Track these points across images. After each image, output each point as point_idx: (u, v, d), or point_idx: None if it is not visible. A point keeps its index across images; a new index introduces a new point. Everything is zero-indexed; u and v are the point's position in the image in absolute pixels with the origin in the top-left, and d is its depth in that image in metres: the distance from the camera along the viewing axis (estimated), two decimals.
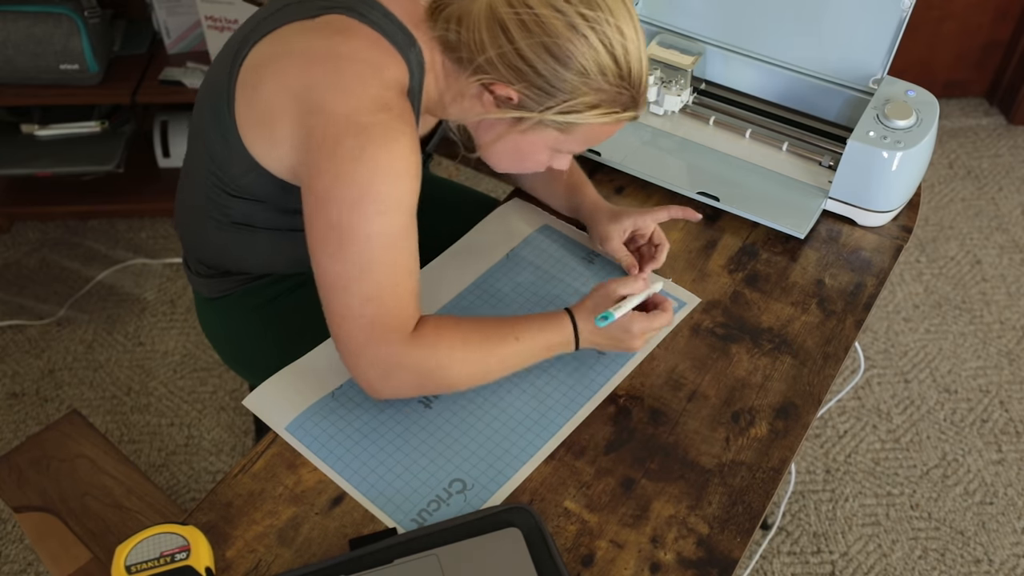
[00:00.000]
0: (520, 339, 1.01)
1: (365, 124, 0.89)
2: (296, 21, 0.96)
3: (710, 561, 0.91)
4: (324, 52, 0.92)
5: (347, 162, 0.89)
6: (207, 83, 1.05)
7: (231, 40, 1.03)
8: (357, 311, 0.93)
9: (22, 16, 1.98)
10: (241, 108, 0.98)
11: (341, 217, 0.90)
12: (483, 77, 0.94)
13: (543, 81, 0.92)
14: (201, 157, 1.06)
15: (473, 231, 1.24)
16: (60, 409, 1.96)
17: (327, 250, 0.92)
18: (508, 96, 0.94)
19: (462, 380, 1.00)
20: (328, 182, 0.90)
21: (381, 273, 0.92)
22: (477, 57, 0.93)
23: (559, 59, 0.91)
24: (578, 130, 0.97)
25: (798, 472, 1.85)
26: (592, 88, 0.93)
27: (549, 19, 0.89)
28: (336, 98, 0.90)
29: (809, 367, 1.09)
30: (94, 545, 1.21)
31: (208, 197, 1.08)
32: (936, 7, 2.50)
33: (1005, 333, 2.12)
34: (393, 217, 0.91)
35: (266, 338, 1.21)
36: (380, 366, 0.95)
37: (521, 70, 0.92)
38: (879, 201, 1.23)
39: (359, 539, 0.91)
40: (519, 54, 0.91)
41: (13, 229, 2.37)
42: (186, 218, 1.16)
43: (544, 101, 0.94)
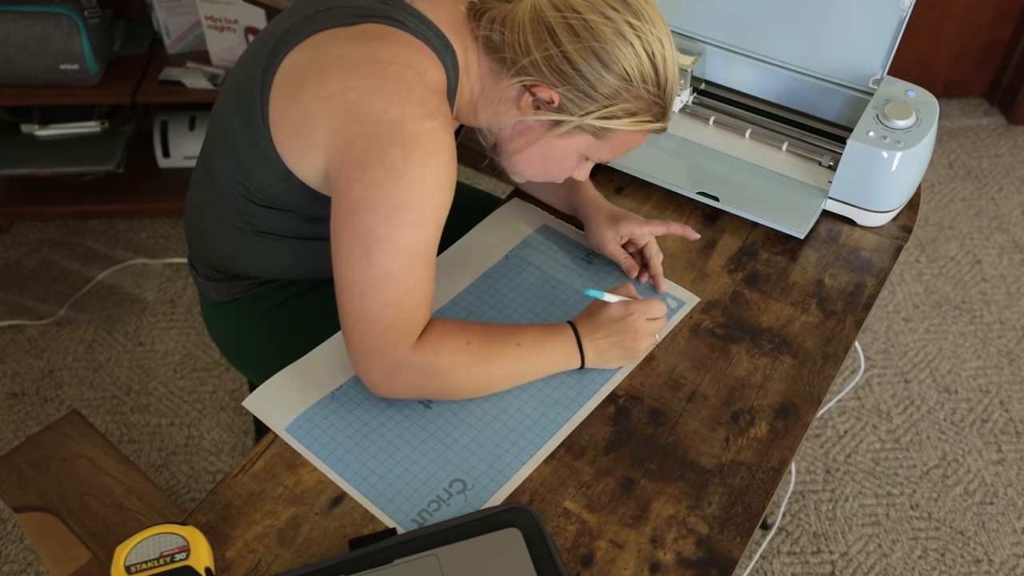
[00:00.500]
0: (521, 343, 1.01)
1: (412, 132, 0.89)
2: (331, 28, 0.95)
3: (710, 561, 0.91)
4: (364, 58, 0.91)
5: (391, 172, 0.89)
6: (233, 90, 1.03)
7: (259, 44, 1.01)
8: (374, 316, 0.93)
9: (22, 16, 1.99)
10: (276, 118, 0.97)
11: (375, 226, 0.90)
12: (525, 79, 0.95)
13: (587, 84, 0.94)
14: (226, 165, 1.05)
15: (473, 231, 1.24)
16: (60, 409, 1.96)
17: (354, 255, 0.92)
18: (549, 99, 0.96)
19: (463, 385, 1.00)
20: (367, 191, 0.90)
21: (405, 283, 0.92)
22: (521, 59, 0.94)
23: (605, 64, 0.93)
24: (612, 137, 0.99)
25: (798, 472, 1.85)
26: (632, 95, 0.95)
27: (598, 25, 0.92)
28: (382, 104, 0.90)
29: (809, 367, 1.09)
30: (94, 545, 1.21)
31: (232, 205, 1.07)
32: (936, 7, 2.50)
33: (1005, 333, 2.12)
34: (426, 230, 0.92)
35: (273, 342, 1.21)
36: (386, 367, 0.96)
37: (566, 73, 0.93)
38: (879, 201, 1.23)
39: (359, 539, 0.91)
40: (566, 57, 0.93)
41: (13, 229, 2.37)
42: (200, 222, 1.15)
43: (585, 105, 0.95)
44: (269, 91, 0.97)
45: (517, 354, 1.01)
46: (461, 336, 0.98)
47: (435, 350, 0.96)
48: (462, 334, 0.99)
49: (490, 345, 1.00)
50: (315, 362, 1.07)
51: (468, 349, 0.98)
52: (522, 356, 1.01)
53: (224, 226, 1.10)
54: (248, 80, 1.00)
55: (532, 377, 1.04)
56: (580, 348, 1.04)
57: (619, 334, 1.04)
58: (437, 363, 0.97)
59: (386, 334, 0.94)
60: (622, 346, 1.04)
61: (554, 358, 1.04)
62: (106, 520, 1.23)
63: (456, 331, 0.99)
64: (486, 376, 1.01)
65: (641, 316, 1.04)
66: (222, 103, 1.06)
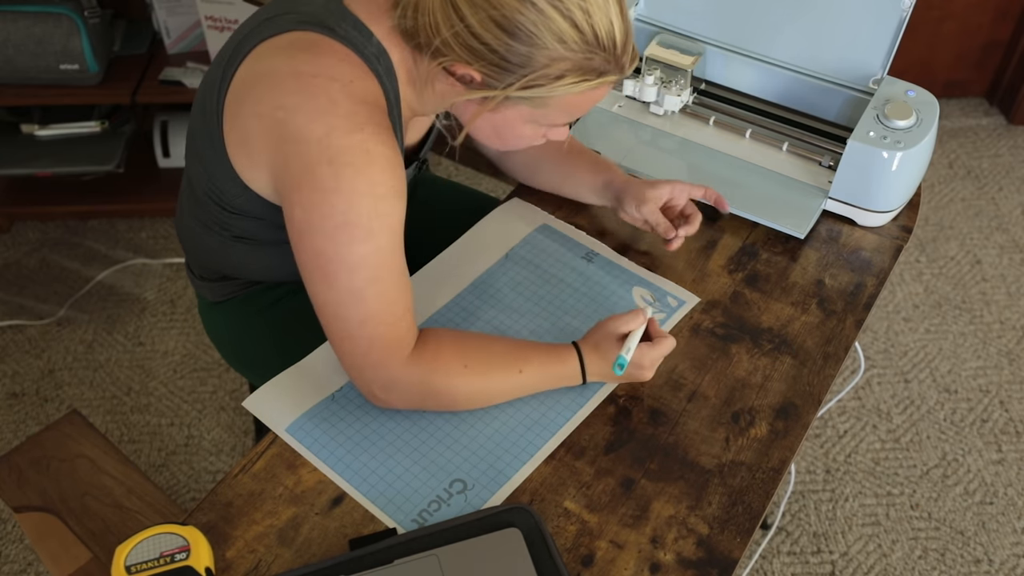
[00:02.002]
0: (524, 371, 1.00)
1: (338, 148, 0.87)
2: (272, 37, 0.94)
3: (710, 561, 0.91)
4: (289, 72, 0.90)
5: (324, 191, 0.88)
6: (199, 97, 1.03)
7: (221, 52, 1.01)
8: (355, 333, 0.93)
9: (22, 16, 1.98)
10: (228, 128, 0.97)
11: (324, 247, 0.89)
12: (442, 60, 0.91)
13: (498, 57, 0.88)
14: (199, 174, 1.05)
15: (472, 231, 1.24)
16: (60, 409, 1.96)
17: (315, 278, 0.92)
18: (469, 77, 0.92)
19: (462, 402, 1.00)
20: (307, 213, 0.89)
21: (372, 297, 0.92)
22: (433, 40, 0.90)
23: (509, 32, 0.87)
24: (551, 102, 0.93)
25: (798, 472, 1.85)
26: (551, 58, 0.88)
27: None
28: (307, 122, 0.88)
29: (809, 367, 1.09)
30: (94, 545, 1.21)
31: (208, 212, 1.07)
32: (936, 7, 2.50)
33: (1005, 333, 2.12)
34: (378, 240, 0.90)
35: (270, 341, 1.21)
36: (380, 382, 0.96)
37: (475, 48, 0.88)
38: (879, 201, 1.23)
39: (359, 539, 0.91)
40: (471, 31, 0.87)
41: (13, 229, 2.37)
42: (187, 227, 1.16)
43: (504, 77, 0.90)
44: (224, 105, 0.96)
45: (518, 381, 1.01)
46: (458, 359, 0.97)
47: (430, 370, 0.96)
48: (459, 356, 0.97)
49: (491, 368, 0.99)
50: (315, 364, 1.07)
51: (465, 371, 0.97)
52: (522, 383, 1.01)
53: (207, 231, 1.11)
54: (209, 90, 1.00)
55: (533, 393, 1.04)
56: (583, 372, 1.03)
57: (629, 374, 1.03)
58: (432, 382, 0.97)
59: (372, 350, 0.93)
60: (630, 379, 1.04)
61: (555, 380, 1.03)
62: (106, 520, 1.23)
63: (452, 351, 0.97)
64: (484, 395, 1.01)
65: (652, 363, 1.03)
66: (193, 113, 1.06)
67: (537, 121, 0.98)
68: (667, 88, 1.35)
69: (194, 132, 1.04)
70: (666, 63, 1.34)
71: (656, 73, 1.35)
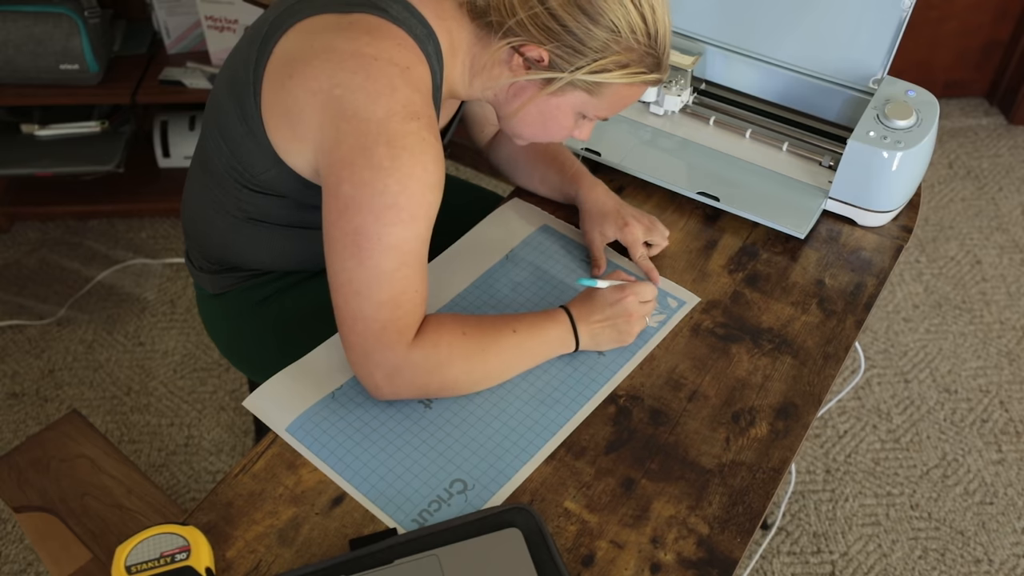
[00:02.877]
0: (517, 330, 1.02)
1: (397, 132, 0.89)
2: (323, 14, 0.95)
3: (710, 561, 0.91)
4: (351, 52, 0.91)
5: (379, 171, 0.89)
6: (227, 74, 1.04)
7: (252, 31, 1.02)
8: (370, 315, 0.93)
9: (22, 16, 1.99)
10: (268, 104, 0.97)
11: (366, 225, 0.90)
12: (513, 40, 0.95)
13: (574, 39, 0.93)
14: (220, 150, 1.05)
15: (473, 231, 1.24)
16: (60, 409, 1.96)
17: (346, 254, 0.92)
18: (539, 57, 0.96)
19: (463, 377, 1.00)
20: (356, 190, 0.90)
21: (398, 281, 0.92)
22: (507, 20, 0.94)
23: (591, 17, 0.92)
24: (606, 92, 0.99)
25: (798, 472, 1.85)
26: (622, 47, 0.95)
27: None
28: (368, 102, 0.90)
29: (809, 367, 1.09)
30: (94, 545, 1.21)
31: (225, 190, 1.07)
32: (936, 7, 2.50)
33: (1005, 333, 2.12)
34: (416, 227, 0.92)
35: (268, 334, 1.21)
36: (385, 368, 0.96)
37: (553, 29, 0.93)
38: (879, 201, 1.23)
39: (359, 539, 0.91)
40: (551, 13, 0.92)
41: (13, 229, 2.37)
42: (195, 211, 1.15)
43: (575, 60, 0.95)
44: (262, 76, 0.97)
45: (513, 341, 1.02)
46: (457, 328, 0.99)
47: (433, 344, 0.97)
48: (457, 325, 0.99)
49: (485, 333, 1.00)
50: (315, 362, 1.07)
51: (465, 340, 0.98)
52: (518, 343, 1.02)
53: (219, 214, 1.11)
54: (243, 64, 1.00)
55: (529, 364, 1.05)
56: (575, 331, 1.05)
57: (613, 317, 1.05)
58: (436, 357, 0.97)
59: (384, 333, 0.94)
60: (616, 329, 1.06)
61: (549, 342, 1.04)
62: (106, 520, 1.23)
63: (451, 323, 0.99)
64: (484, 365, 1.01)
65: (635, 299, 1.06)
66: (217, 88, 1.06)
67: (586, 111, 1.02)
68: (667, 88, 1.35)
69: (218, 111, 1.04)
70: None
71: None
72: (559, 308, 1.06)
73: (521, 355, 1.03)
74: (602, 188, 1.22)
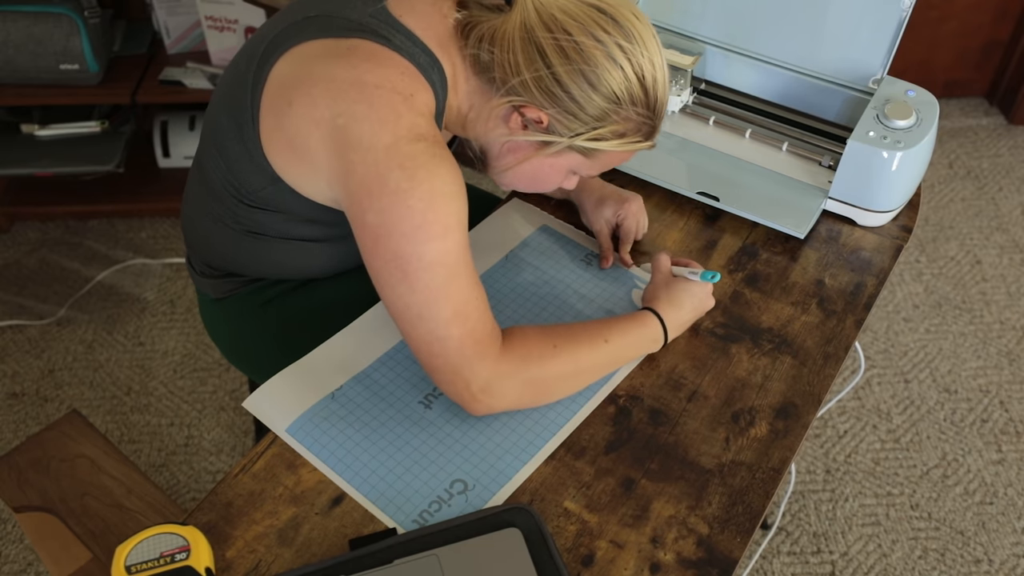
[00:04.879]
0: (609, 340, 1.02)
1: (408, 153, 0.89)
2: (320, 39, 0.94)
3: (710, 561, 0.91)
4: (352, 81, 0.90)
5: (399, 194, 0.88)
6: (225, 91, 1.03)
7: (250, 48, 1.01)
8: (443, 334, 0.92)
9: (22, 16, 1.98)
10: (267, 129, 0.96)
11: (402, 248, 0.90)
12: (515, 99, 0.94)
13: (576, 106, 0.93)
14: (217, 165, 1.04)
15: (473, 231, 1.24)
16: (60, 409, 1.96)
17: (393, 282, 0.92)
18: (538, 119, 0.95)
19: (557, 388, 1.01)
20: (381, 216, 0.90)
21: (455, 293, 0.92)
22: (511, 79, 0.93)
23: (595, 86, 0.92)
24: (600, 156, 0.99)
25: (798, 472, 1.85)
26: (622, 117, 0.95)
27: (589, 48, 0.91)
28: (373, 131, 0.89)
29: (809, 367, 1.09)
30: (94, 545, 1.21)
31: (223, 204, 1.07)
32: (936, 7, 2.50)
33: (1005, 333, 2.12)
34: (452, 238, 0.91)
35: (270, 337, 1.21)
36: (478, 381, 0.95)
37: (556, 95, 0.93)
38: (879, 201, 1.23)
39: (359, 539, 0.91)
40: (556, 79, 0.92)
41: (13, 229, 2.37)
42: (194, 220, 1.15)
43: (574, 127, 0.95)
44: (260, 99, 0.96)
45: (606, 350, 1.02)
46: (547, 341, 0.99)
47: (522, 357, 0.97)
48: (547, 338, 0.99)
49: (577, 344, 1.01)
50: (315, 363, 1.07)
51: (556, 352, 0.99)
52: (611, 351, 1.03)
53: (218, 226, 1.10)
54: (239, 84, 0.99)
55: (620, 366, 1.06)
56: (664, 331, 1.07)
57: (701, 304, 1.09)
58: (528, 370, 0.97)
59: (463, 348, 0.93)
60: (699, 311, 1.10)
61: (641, 346, 1.06)
62: (106, 520, 1.23)
63: (539, 337, 0.99)
64: (577, 378, 1.02)
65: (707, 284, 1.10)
66: (215, 105, 1.05)
67: (578, 170, 1.02)
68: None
69: (216, 125, 1.03)
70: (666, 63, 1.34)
71: None
72: (644, 311, 1.07)
73: (613, 361, 1.05)
74: (596, 180, 1.23)
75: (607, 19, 0.92)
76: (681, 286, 1.08)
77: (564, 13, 0.91)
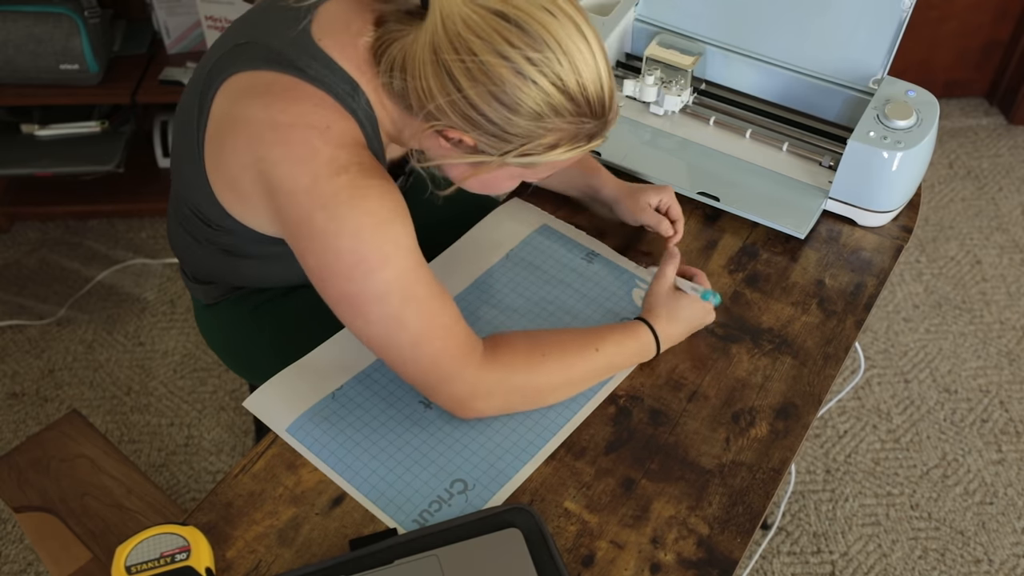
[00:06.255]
0: (600, 349, 1.02)
1: (327, 193, 0.87)
2: (245, 71, 0.92)
3: (710, 561, 0.91)
4: (267, 123, 0.89)
5: (326, 236, 0.87)
6: (180, 119, 1.01)
7: (194, 77, 1.00)
8: (411, 356, 0.92)
9: (22, 16, 1.98)
10: (210, 167, 0.97)
11: (346, 288, 0.90)
12: (435, 124, 0.89)
13: (497, 129, 0.87)
14: (182, 189, 1.05)
15: (473, 231, 1.24)
16: (60, 409, 1.96)
17: (348, 318, 0.92)
18: (462, 141, 0.90)
19: (547, 394, 1.01)
20: (318, 259, 0.89)
21: (413, 317, 0.91)
22: (427, 104, 0.88)
23: (510, 107, 0.85)
24: (541, 163, 0.93)
25: (798, 472, 1.85)
26: (548, 129, 0.87)
27: (495, 67, 0.83)
28: (292, 174, 0.88)
29: (809, 367, 1.09)
30: (94, 545, 1.21)
31: (194, 225, 1.07)
32: (936, 7, 2.50)
33: (1005, 333, 2.12)
34: (396, 264, 0.89)
35: (265, 340, 1.21)
36: (464, 391, 0.95)
37: (473, 119, 0.87)
38: (879, 201, 1.23)
39: (359, 539, 0.91)
40: (469, 102, 0.85)
41: (13, 229, 2.37)
42: (175, 235, 1.16)
43: (501, 147, 0.89)
44: (204, 138, 0.96)
45: (597, 358, 1.02)
46: (535, 349, 0.98)
47: (509, 368, 0.96)
48: (535, 347, 0.98)
49: (567, 353, 1.00)
50: (315, 362, 1.07)
51: (545, 360, 0.98)
52: (601, 360, 1.02)
53: (196, 243, 1.11)
54: (188, 121, 0.99)
55: (611, 375, 1.06)
56: (657, 342, 1.06)
57: (699, 320, 1.08)
58: (514, 380, 0.97)
59: (437, 366, 0.93)
60: (691, 327, 1.09)
61: (632, 355, 1.06)
62: (106, 520, 1.23)
63: (527, 345, 0.98)
64: (568, 386, 1.02)
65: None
66: (174, 131, 1.05)
67: (525, 178, 0.99)
68: (667, 88, 1.35)
69: (176, 148, 1.04)
70: (666, 63, 1.34)
71: (656, 73, 1.35)
72: (638, 321, 1.06)
73: (604, 371, 1.04)
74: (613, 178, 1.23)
75: (511, 28, 0.83)
76: (684, 302, 1.07)
77: (468, 29, 0.83)
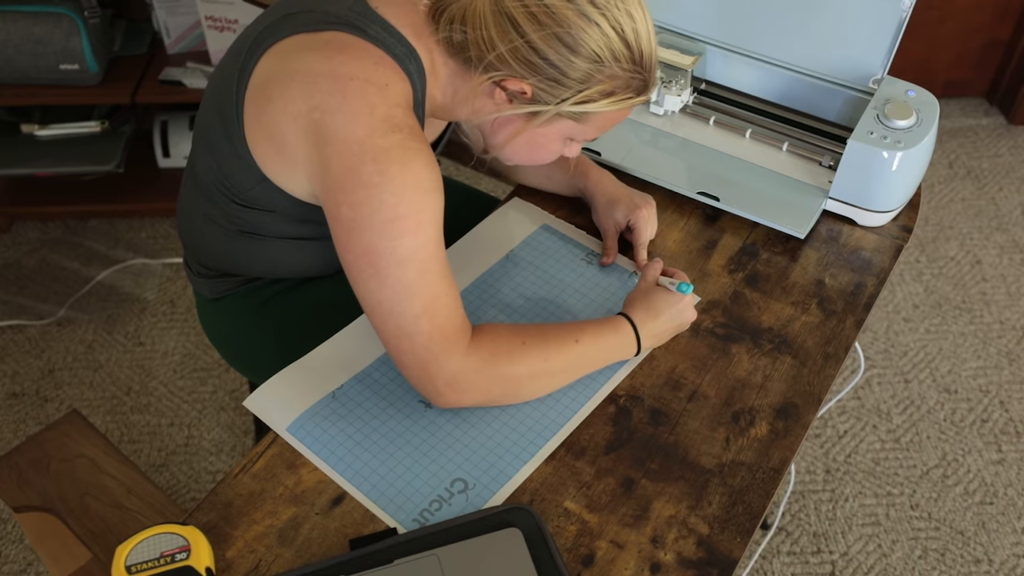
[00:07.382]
0: (580, 341, 1.02)
1: (381, 147, 0.89)
2: (299, 34, 0.94)
3: (710, 561, 0.91)
4: (326, 74, 0.91)
5: (371, 188, 0.89)
6: (213, 91, 1.03)
7: (236, 46, 1.02)
8: (411, 330, 0.93)
9: (22, 16, 1.98)
10: (250, 123, 0.97)
11: (374, 243, 0.90)
12: (494, 74, 0.93)
13: (557, 72, 0.92)
14: (208, 166, 1.05)
15: (473, 231, 1.24)
16: (60, 409, 1.96)
17: (364, 277, 0.92)
18: (522, 91, 0.94)
19: (525, 387, 1.01)
20: (355, 211, 0.90)
21: (424, 290, 0.92)
22: (487, 54, 0.92)
23: (572, 48, 0.90)
24: (593, 118, 0.98)
25: (798, 472, 1.85)
26: (606, 75, 0.93)
27: (560, 9, 0.89)
28: (347, 124, 0.89)
29: (809, 367, 1.09)
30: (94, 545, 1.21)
31: (216, 205, 1.07)
32: (936, 7, 2.50)
33: (1005, 333, 2.12)
34: (425, 233, 0.91)
35: (268, 337, 1.21)
36: (444, 376, 0.95)
37: (534, 63, 0.91)
38: (879, 201, 1.23)
39: (359, 539, 0.91)
40: (531, 47, 0.90)
41: (13, 229, 2.37)
42: (189, 222, 1.15)
43: (559, 92, 0.93)
44: (244, 97, 0.97)
45: (576, 351, 1.02)
46: (516, 338, 0.99)
47: (491, 355, 0.97)
48: (516, 336, 0.99)
49: (547, 343, 1.00)
50: (316, 361, 1.07)
51: (525, 349, 0.98)
52: (581, 353, 1.02)
53: (212, 226, 1.11)
54: (225, 84, 1.00)
55: (591, 371, 1.05)
56: (637, 338, 1.05)
57: (675, 317, 1.07)
58: (496, 367, 0.97)
59: (431, 344, 0.93)
60: (675, 325, 1.08)
61: (612, 350, 1.05)
62: (106, 520, 1.23)
63: (509, 334, 0.99)
64: (548, 377, 1.01)
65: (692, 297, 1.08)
66: (205, 105, 1.06)
67: (574, 137, 1.01)
68: (667, 88, 1.35)
69: (206, 125, 1.04)
70: (666, 63, 1.34)
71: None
72: (619, 316, 1.06)
73: (584, 364, 1.04)
74: (609, 177, 1.23)
75: None
76: (661, 296, 1.07)
77: None
